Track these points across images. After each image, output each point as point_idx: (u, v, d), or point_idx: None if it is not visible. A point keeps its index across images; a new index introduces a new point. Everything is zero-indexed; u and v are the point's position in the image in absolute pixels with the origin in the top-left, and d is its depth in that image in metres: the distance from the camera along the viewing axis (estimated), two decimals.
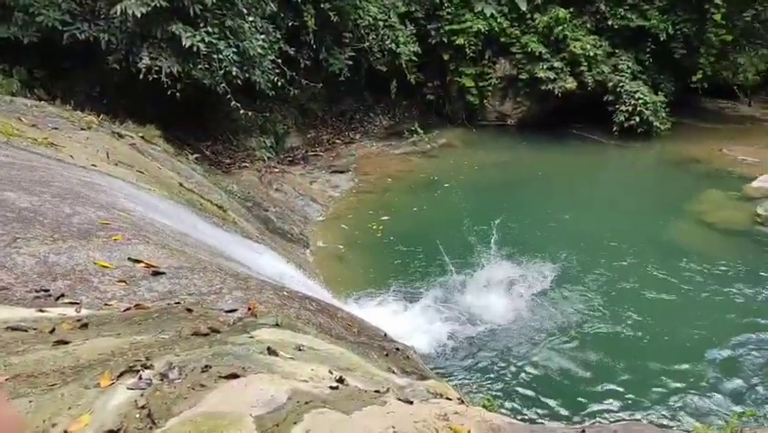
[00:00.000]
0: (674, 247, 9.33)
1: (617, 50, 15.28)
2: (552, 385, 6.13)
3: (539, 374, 6.30)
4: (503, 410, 5.50)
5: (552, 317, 7.34)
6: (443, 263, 8.73)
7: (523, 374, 6.30)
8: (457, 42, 14.69)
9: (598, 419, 5.60)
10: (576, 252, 9.04)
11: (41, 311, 2.59)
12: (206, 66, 9.54)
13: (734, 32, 15.08)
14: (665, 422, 5.53)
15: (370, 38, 13.25)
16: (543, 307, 7.59)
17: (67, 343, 2.27)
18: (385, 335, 4.83)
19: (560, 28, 14.64)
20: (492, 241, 9.43)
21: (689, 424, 5.36)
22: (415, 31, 14.30)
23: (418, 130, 14.03)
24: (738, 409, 5.64)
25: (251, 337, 2.52)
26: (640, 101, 14.50)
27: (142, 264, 3.43)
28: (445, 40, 14.85)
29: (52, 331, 2.39)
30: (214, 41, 9.46)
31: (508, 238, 9.55)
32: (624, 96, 14.66)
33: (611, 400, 5.88)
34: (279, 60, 11.04)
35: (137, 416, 1.76)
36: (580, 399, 5.92)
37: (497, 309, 7.52)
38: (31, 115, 6.91)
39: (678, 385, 6.08)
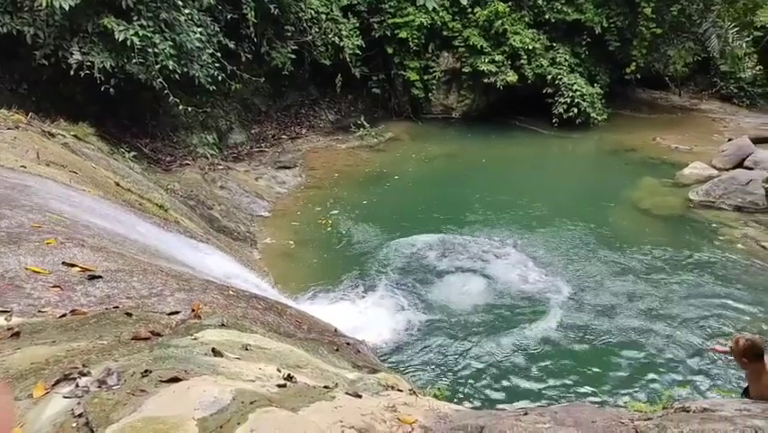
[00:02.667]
0: (612, 232, 9.72)
1: (554, 44, 15.74)
2: (501, 370, 6.27)
3: (489, 360, 6.43)
4: (459, 395, 5.60)
5: (498, 304, 7.51)
6: (394, 255, 8.79)
7: (474, 361, 6.42)
8: (400, 36, 14.75)
9: (541, 401, 5.78)
10: (522, 238, 9.32)
11: None
12: (141, 60, 9.21)
13: (663, 25, 15.79)
14: (606, 400, 5.76)
15: (313, 31, 13.12)
16: (490, 294, 7.76)
17: None
18: (335, 330, 4.83)
19: (499, 22, 14.95)
20: (442, 230, 9.59)
21: (627, 402, 5.60)
22: (358, 24, 14.27)
23: (365, 124, 14.04)
24: (676, 384, 5.95)
25: (195, 339, 2.46)
26: (577, 93, 15.00)
27: (78, 268, 3.29)
28: (389, 33, 14.89)
29: None
30: (148, 34, 9.14)
31: (458, 227, 9.73)
32: (562, 89, 15.14)
33: (554, 383, 6.08)
34: (219, 54, 10.78)
35: (74, 425, 1.69)
36: (525, 383, 6.09)
37: (448, 298, 7.63)
38: None
39: (618, 364, 6.35)
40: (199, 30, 10.13)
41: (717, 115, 17.25)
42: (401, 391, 2.86)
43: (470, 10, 15.25)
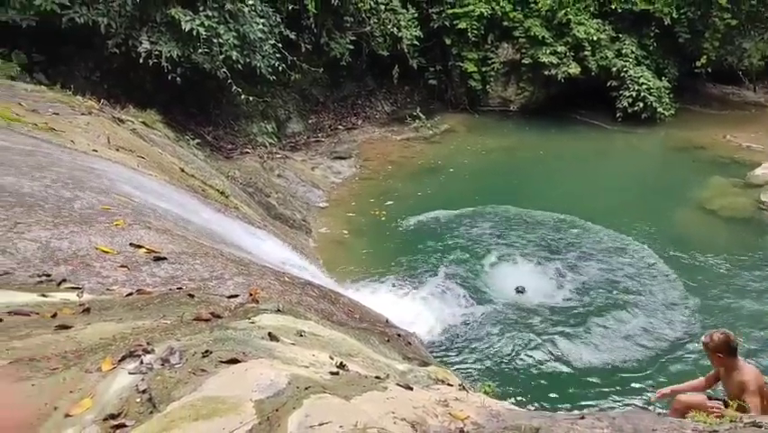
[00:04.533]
0: (678, 234, 9.31)
1: (620, 35, 15.11)
2: (556, 371, 6.14)
3: (543, 360, 6.30)
4: (510, 395, 5.52)
5: (556, 302, 7.34)
6: (448, 246, 8.73)
7: (527, 359, 6.30)
8: (459, 26, 14.55)
9: (598, 406, 5.62)
10: (582, 238, 9.05)
11: (43, 296, 2.59)
12: (207, 50, 9.48)
13: (739, 16, 14.90)
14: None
15: (372, 22, 13.12)
16: (547, 291, 7.61)
17: (68, 327, 2.27)
18: (387, 321, 4.85)
19: (563, 12, 14.48)
20: (498, 225, 9.45)
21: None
22: (416, 14, 14.15)
23: (420, 115, 13.96)
24: None
25: (253, 323, 2.52)
26: (644, 87, 14.38)
27: (144, 250, 3.43)
28: (447, 24, 14.71)
29: (54, 316, 2.40)
30: (213, 24, 9.40)
31: (514, 222, 9.56)
32: (628, 82, 14.54)
33: (613, 387, 5.90)
34: (280, 45, 10.96)
35: (138, 400, 1.76)
36: (583, 385, 5.94)
37: (504, 291, 7.53)
38: (30, 99, 6.88)
39: (683, 371, 6.09)
40: (262, 21, 10.33)
41: None
42: (451, 385, 2.84)
43: None
